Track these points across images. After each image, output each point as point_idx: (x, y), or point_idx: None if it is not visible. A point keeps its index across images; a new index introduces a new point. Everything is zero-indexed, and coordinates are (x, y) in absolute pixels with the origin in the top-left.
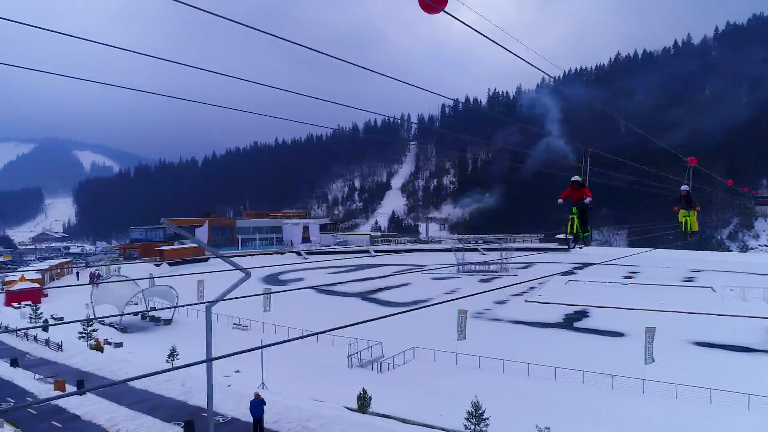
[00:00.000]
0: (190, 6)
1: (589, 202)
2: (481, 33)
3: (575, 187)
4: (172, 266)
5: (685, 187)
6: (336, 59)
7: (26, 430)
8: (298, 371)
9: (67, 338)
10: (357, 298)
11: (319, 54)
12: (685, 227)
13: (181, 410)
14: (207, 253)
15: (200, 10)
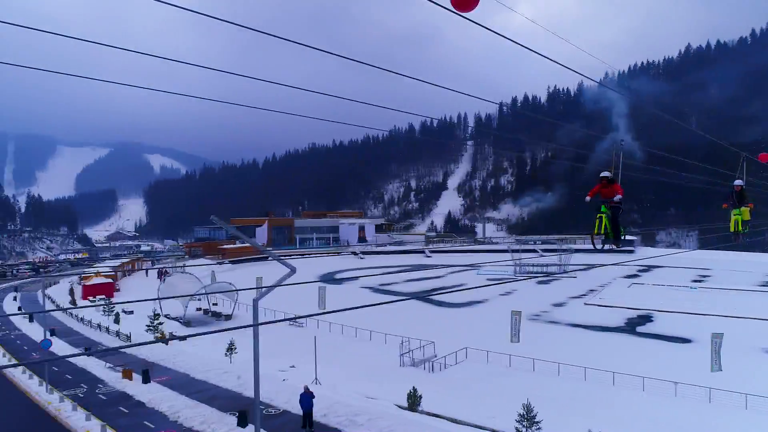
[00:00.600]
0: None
1: (619, 199)
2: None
3: (605, 184)
4: (233, 264)
5: (740, 182)
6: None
7: (98, 414)
8: (351, 369)
9: (136, 330)
10: (411, 298)
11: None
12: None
13: (236, 401)
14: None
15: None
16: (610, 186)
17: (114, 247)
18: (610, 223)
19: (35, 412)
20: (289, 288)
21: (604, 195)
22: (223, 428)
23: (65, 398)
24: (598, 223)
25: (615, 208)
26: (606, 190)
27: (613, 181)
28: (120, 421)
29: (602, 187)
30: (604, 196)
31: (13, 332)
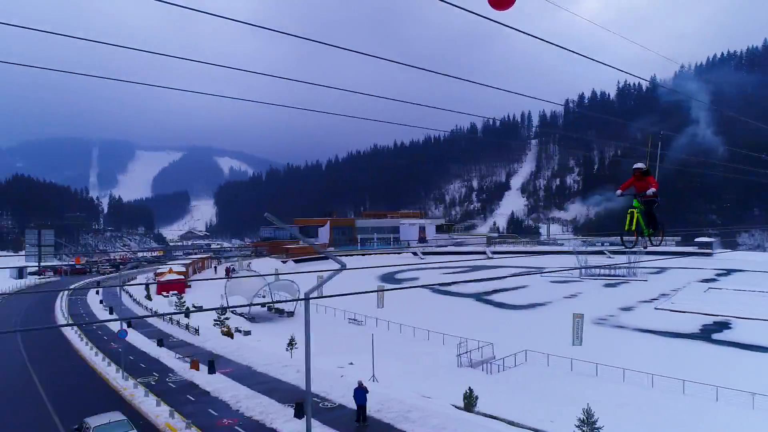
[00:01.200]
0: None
1: (654, 193)
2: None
3: (638, 176)
4: (297, 263)
5: None
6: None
7: (168, 400)
8: (408, 367)
9: (204, 324)
10: (471, 299)
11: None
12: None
13: (294, 393)
14: (328, 251)
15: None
16: (644, 179)
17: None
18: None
19: (112, 397)
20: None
21: (638, 188)
22: (281, 419)
23: (139, 385)
24: (629, 219)
25: (650, 202)
26: (640, 183)
27: (648, 173)
28: (187, 408)
29: (636, 179)
30: (638, 189)
31: (95, 325)
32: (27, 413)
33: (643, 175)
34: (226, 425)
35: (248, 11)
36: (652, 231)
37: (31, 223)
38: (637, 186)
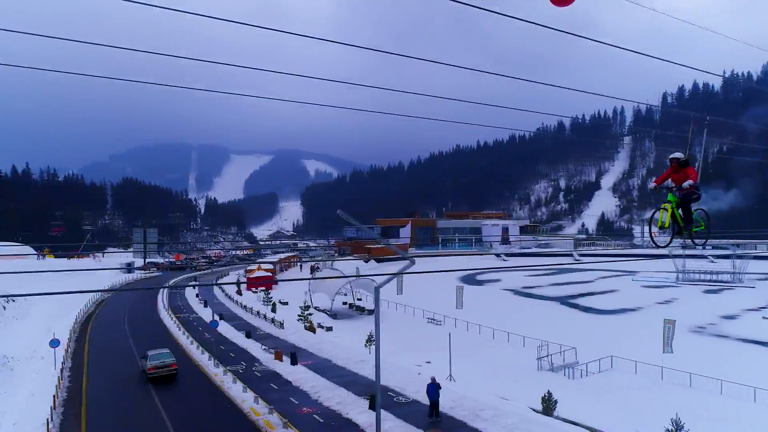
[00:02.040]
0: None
1: (690, 185)
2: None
3: (676, 167)
4: (378, 263)
5: None
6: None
7: (253, 387)
8: (486, 368)
9: (289, 319)
10: (555, 302)
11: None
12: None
13: (370, 387)
14: (409, 251)
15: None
16: (682, 170)
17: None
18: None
19: (204, 382)
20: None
21: (675, 181)
22: (356, 410)
23: (228, 372)
24: (662, 216)
25: (687, 195)
26: (678, 175)
27: (687, 164)
28: (270, 395)
29: (673, 171)
30: (675, 182)
31: (191, 315)
32: (131, 391)
33: (681, 166)
34: (305, 413)
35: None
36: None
37: (138, 222)
38: (674, 178)
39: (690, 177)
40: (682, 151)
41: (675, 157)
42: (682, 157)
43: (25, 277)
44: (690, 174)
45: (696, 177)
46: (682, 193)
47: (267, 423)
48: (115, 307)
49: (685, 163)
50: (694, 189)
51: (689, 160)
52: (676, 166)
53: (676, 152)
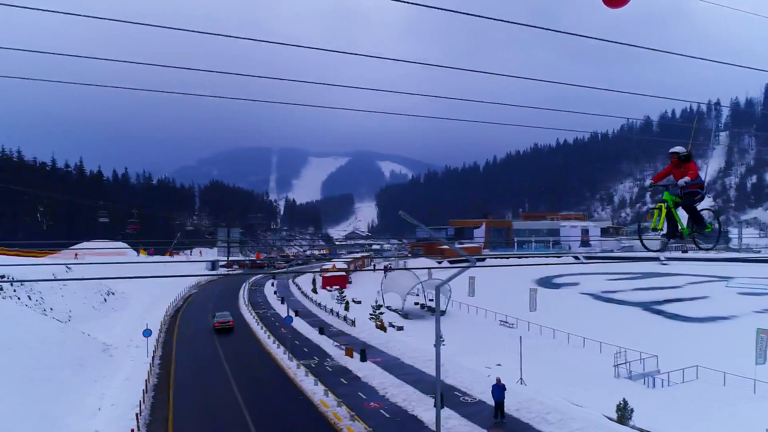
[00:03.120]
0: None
1: (687, 183)
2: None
3: (676, 163)
4: (451, 263)
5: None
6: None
7: (323, 381)
8: (559, 374)
9: (361, 318)
10: (638, 308)
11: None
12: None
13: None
14: (483, 253)
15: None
16: (683, 165)
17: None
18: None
19: (279, 374)
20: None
21: (676, 178)
22: (422, 407)
23: (300, 366)
24: (656, 216)
25: (690, 194)
26: (678, 171)
27: (689, 159)
28: (340, 390)
29: (674, 167)
30: (676, 179)
31: (269, 311)
32: (213, 379)
33: (682, 161)
34: (372, 408)
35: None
36: (697, 230)
37: (222, 222)
38: (675, 175)
39: (689, 173)
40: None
41: (674, 151)
42: (683, 151)
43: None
44: (690, 170)
45: (695, 174)
46: (686, 192)
47: (335, 415)
48: (200, 303)
49: (687, 157)
50: (697, 188)
51: (691, 154)
52: (676, 161)
53: (676, 146)
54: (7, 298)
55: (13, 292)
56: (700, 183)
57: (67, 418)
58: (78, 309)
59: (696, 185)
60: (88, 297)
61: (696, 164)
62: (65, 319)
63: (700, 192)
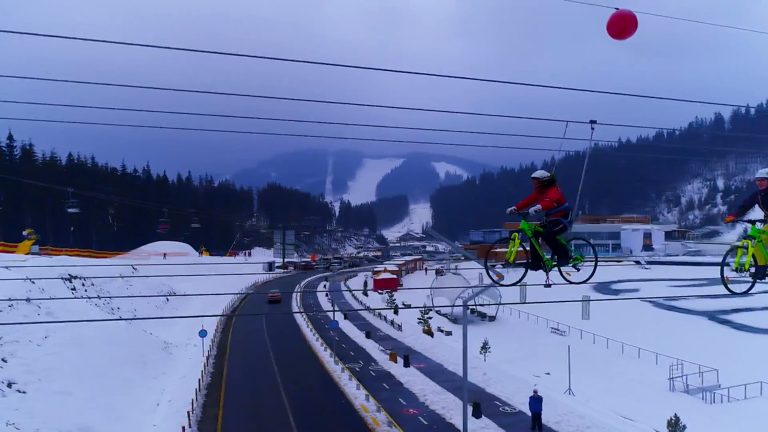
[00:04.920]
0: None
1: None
2: None
3: (539, 189)
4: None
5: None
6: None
7: (366, 385)
8: (610, 385)
9: (408, 322)
10: (702, 317)
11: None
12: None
13: (477, 394)
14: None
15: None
16: (546, 191)
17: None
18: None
19: (324, 377)
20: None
21: None
22: (460, 415)
23: (345, 369)
24: (511, 247)
25: (552, 222)
26: (541, 197)
27: (552, 184)
28: (381, 394)
29: (538, 193)
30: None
31: (319, 313)
32: (262, 380)
33: (545, 186)
34: (411, 414)
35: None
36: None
37: (279, 224)
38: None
39: (543, 201)
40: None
41: (535, 176)
42: (545, 176)
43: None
44: (547, 197)
45: (549, 203)
46: (547, 221)
47: (374, 420)
48: (255, 303)
49: (549, 182)
50: (560, 216)
51: (554, 179)
52: (539, 186)
53: (539, 170)
54: (79, 298)
55: (84, 292)
56: (563, 211)
57: (129, 411)
58: (142, 308)
59: (558, 213)
60: (152, 297)
61: (558, 191)
62: (130, 318)
63: (563, 221)
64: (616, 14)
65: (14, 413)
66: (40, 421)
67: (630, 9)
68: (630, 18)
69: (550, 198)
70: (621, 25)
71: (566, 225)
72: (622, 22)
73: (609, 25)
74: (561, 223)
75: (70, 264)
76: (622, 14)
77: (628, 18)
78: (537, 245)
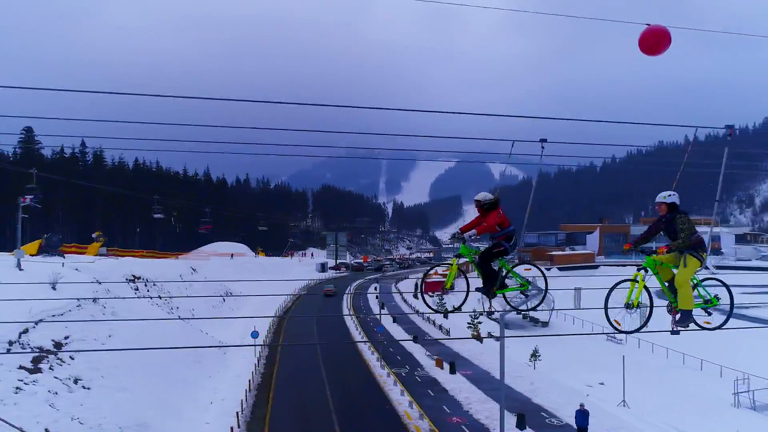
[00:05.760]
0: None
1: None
2: None
3: (482, 212)
4: (561, 271)
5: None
6: None
7: (411, 391)
8: (668, 398)
9: (458, 326)
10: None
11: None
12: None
13: (522, 404)
14: (596, 260)
15: None
16: (486, 215)
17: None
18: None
19: (370, 380)
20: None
21: None
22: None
23: (391, 374)
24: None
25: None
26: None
27: (493, 207)
28: (425, 401)
29: (481, 217)
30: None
31: (369, 315)
32: (310, 382)
33: (487, 210)
34: (455, 423)
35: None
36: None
37: (333, 225)
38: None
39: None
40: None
41: (477, 199)
42: (487, 199)
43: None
44: (485, 221)
45: (486, 227)
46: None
47: (417, 428)
48: (307, 304)
49: (491, 206)
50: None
51: (497, 202)
52: (481, 210)
53: (482, 193)
54: (142, 297)
55: (146, 292)
56: (505, 235)
57: (185, 409)
58: (199, 308)
59: (501, 237)
60: (209, 297)
61: (499, 214)
62: (188, 317)
63: (504, 244)
64: (648, 30)
65: (79, 408)
66: (101, 417)
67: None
68: (663, 33)
69: (489, 222)
70: (653, 40)
71: (507, 248)
72: (654, 37)
73: (641, 41)
74: (501, 245)
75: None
76: (655, 30)
77: (660, 33)
78: (479, 270)
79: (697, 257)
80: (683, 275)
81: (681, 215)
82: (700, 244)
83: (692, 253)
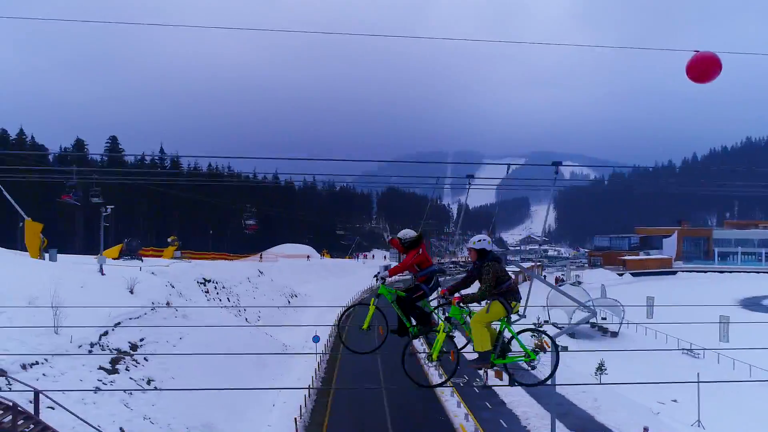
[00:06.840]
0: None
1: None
2: None
3: (401, 250)
4: (634, 276)
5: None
6: None
7: (467, 403)
8: (752, 421)
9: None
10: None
11: None
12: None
13: (584, 421)
14: (674, 266)
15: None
16: (407, 253)
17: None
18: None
19: (427, 390)
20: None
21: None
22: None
23: (448, 383)
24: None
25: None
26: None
27: (414, 246)
28: (482, 414)
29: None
30: None
31: None
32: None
33: (408, 248)
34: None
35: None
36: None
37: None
38: None
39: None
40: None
41: (398, 236)
42: (409, 236)
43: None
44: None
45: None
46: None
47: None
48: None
49: (411, 243)
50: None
51: (419, 239)
52: (400, 248)
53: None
54: (212, 299)
55: (216, 294)
56: (426, 275)
57: (249, 411)
58: (265, 311)
59: (422, 277)
60: (275, 299)
61: (419, 253)
62: (254, 320)
63: (423, 287)
64: (697, 57)
65: (150, 408)
66: (171, 417)
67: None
68: (713, 61)
69: (405, 262)
70: (702, 68)
71: (426, 291)
72: (703, 65)
73: (689, 69)
74: (421, 289)
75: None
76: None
77: (710, 61)
78: (399, 310)
79: (505, 305)
80: (477, 317)
81: (487, 264)
82: (510, 293)
83: (500, 299)
